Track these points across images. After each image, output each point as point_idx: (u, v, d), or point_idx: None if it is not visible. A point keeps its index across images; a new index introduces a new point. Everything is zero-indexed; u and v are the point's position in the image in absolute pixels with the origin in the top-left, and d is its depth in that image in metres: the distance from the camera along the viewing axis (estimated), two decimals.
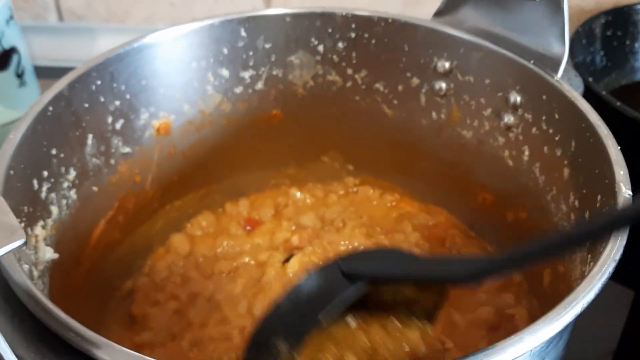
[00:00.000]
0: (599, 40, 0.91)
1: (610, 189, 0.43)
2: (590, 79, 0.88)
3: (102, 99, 0.55)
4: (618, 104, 0.74)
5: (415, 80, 0.62)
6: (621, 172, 0.43)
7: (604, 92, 0.77)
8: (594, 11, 0.93)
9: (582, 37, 0.88)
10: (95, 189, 0.57)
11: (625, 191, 0.41)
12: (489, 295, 0.59)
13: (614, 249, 0.38)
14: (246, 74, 0.64)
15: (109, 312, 0.60)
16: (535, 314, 0.55)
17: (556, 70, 0.52)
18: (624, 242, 0.38)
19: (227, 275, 0.62)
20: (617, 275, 0.38)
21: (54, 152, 0.51)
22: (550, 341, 0.35)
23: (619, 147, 0.45)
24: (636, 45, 0.95)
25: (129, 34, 0.96)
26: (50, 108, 0.50)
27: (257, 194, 0.71)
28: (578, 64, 0.84)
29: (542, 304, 0.56)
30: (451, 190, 0.67)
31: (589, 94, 0.79)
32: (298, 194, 0.71)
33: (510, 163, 0.58)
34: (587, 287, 0.36)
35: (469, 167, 0.63)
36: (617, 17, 0.92)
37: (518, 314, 0.55)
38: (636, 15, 0.93)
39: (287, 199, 0.70)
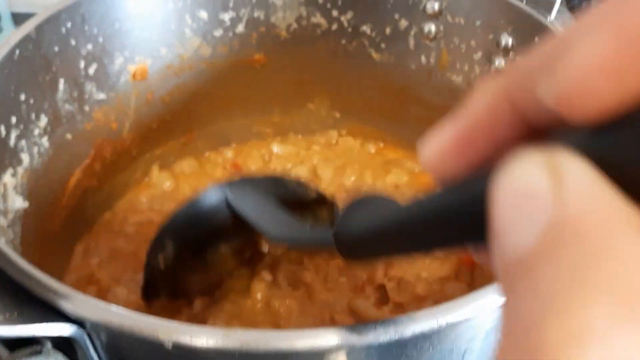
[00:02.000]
0: None
1: None
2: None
3: (73, 43, 0.53)
4: None
5: (404, 23, 0.60)
6: None
7: None
8: None
9: None
10: (69, 136, 0.54)
11: None
12: None
13: None
14: (226, 16, 0.61)
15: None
16: None
17: (550, 10, 0.50)
18: None
19: None
20: None
21: (22, 97, 0.48)
22: None
23: None
24: None
25: None
26: (17, 51, 0.47)
27: (240, 144, 0.69)
28: (574, 7, 0.81)
29: None
30: None
31: None
32: (279, 148, 0.69)
33: None
34: None
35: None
36: None
37: None
38: None
39: (269, 152, 0.68)
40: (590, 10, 0.17)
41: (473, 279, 0.56)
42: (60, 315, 0.33)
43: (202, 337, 0.29)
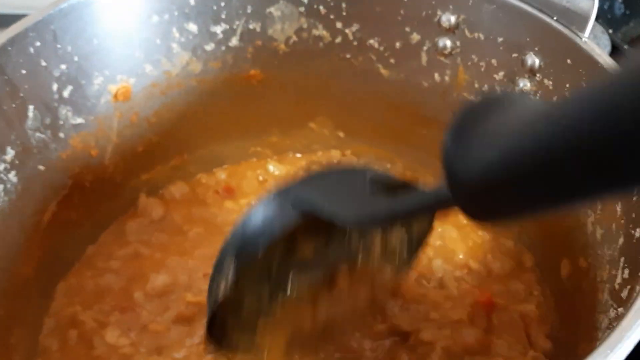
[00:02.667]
0: None
1: None
2: (610, 31, 0.80)
3: (43, 64, 0.47)
4: None
5: (416, 37, 0.54)
6: None
7: (626, 46, 0.69)
8: None
9: None
10: (41, 167, 0.49)
11: None
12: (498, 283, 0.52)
13: None
14: (218, 29, 0.55)
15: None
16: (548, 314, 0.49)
17: (583, 29, 0.44)
18: None
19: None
20: None
21: None
22: None
23: None
24: None
25: None
26: None
27: (234, 165, 0.63)
28: (599, 14, 0.75)
29: (557, 298, 0.49)
30: None
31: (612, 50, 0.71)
32: (277, 168, 0.63)
33: None
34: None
35: None
36: None
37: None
38: None
39: (265, 172, 0.63)
40: None
41: (490, 323, 0.51)
42: None
43: None
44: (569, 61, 0.44)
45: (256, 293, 0.43)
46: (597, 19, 0.72)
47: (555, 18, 0.45)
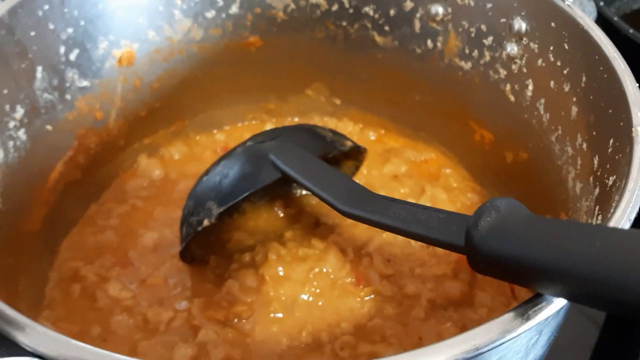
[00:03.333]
0: None
1: (626, 133, 0.37)
2: (602, 3, 0.81)
3: (51, 26, 0.49)
4: (631, 31, 0.68)
5: (409, 4, 0.56)
6: (639, 113, 0.37)
7: (616, 18, 0.71)
8: None
9: None
10: (49, 127, 0.51)
11: None
12: None
13: (629, 206, 0.32)
14: None
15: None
16: None
17: None
18: None
19: None
20: None
21: None
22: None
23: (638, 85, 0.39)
24: None
25: None
26: None
27: (233, 127, 0.65)
28: None
29: None
30: (447, 127, 0.61)
31: (600, 20, 0.72)
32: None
33: (512, 98, 0.52)
34: None
35: (466, 101, 0.57)
36: None
37: None
38: None
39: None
40: None
41: (474, 278, 0.53)
42: (21, 349, 0.29)
43: None
44: (553, 24, 0.46)
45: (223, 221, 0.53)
46: None
47: None
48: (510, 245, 0.28)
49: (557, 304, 0.28)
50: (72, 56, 0.51)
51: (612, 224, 0.32)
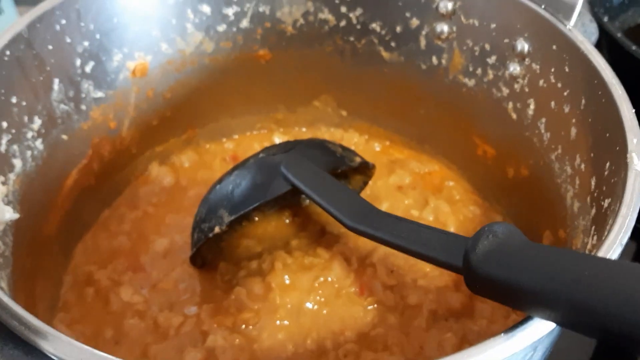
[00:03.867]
0: None
1: (622, 157, 0.38)
2: (606, 18, 0.83)
3: (68, 40, 0.50)
4: (633, 47, 0.69)
5: (415, 21, 0.57)
6: (634, 140, 0.38)
7: (619, 34, 0.72)
8: None
9: None
10: (65, 137, 0.53)
11: (637, 163, 0.37)
12: None
13: (621, 231, 0.34)
14: (230, 11, 0.58)
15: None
16: None
17: (569, 17, 0.47)
18: (633, 223, 0.34)
19: None
20: None
21: (14, 100, 0.46)
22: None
23: (634, 110, 0.40)
24: None
25: None
26: (8, 52, 0.45)
27: (242, 136, 0.67)
28: (594, 1, 0.78)
29: None
30: (450, 140, 0.62)
31: (603, 35, 0.73)
32: (282, 140, 0.67)
33: (514, 116, 0.53)
34: None
35: (470, 117, 0.59)
36: None
37: None
38: None
39: (271, 143, 0.67)
40: None
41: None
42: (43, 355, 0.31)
43: None
44: (554, 47, 0.47)
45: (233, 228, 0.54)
46: (595, 6, 0.75)
47: (543, 7, 0.48)
48: (504, 269, 0.30)
49: (548, 326, 0.29)
50: (88, 68, 0.53)
51: (605, 247, 0.33)
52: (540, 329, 0.30)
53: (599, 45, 0.53)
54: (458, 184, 0.63)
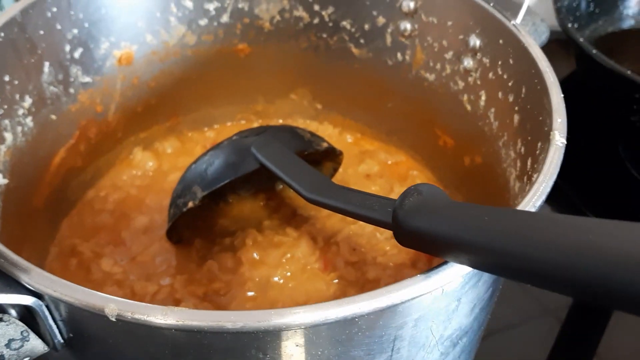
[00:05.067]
0: None
1: (548, 136, 0.43)
2: (576, 25, 0.87)
3: (58, 27, 0.55)
4: (594, 51, 0.73)
5: (382, 19, 0.62)
6: (559, 119, 0.42)
7: (581, 39, 0.76)
8: None
9: None
10: (53, 117, 0.57)
11: (558, 139, 0.41)
12: None
13: (535, 195, 0.38)
14: (211, 6, 0.63)
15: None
16: None
17: (515, 15, 0.51)
18: (548, 190, 0.39)
19: None
20: None
21: (7, 78, 0.51)
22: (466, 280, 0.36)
23: (563, 95, 0.45)
24: None
25: None
26: (2, 34, 0.50)
27: (223, 125, 0.71)
28: (561, 9, 0.83)
29: None
30: (416, 132, 0.67)
31: (571, 41, 0.78)
32: None
33: (469, 107, 0.58)
34: None
35: (432, 109, 0.63)
36: None
37: None
38: None
39: None
40: None
41: (430, 267, 0.58)
42: (23, 288, 0.35)
43: (143, 313, 0.32)
44: (501, 42, 0.52)
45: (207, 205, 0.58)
46: (561, 13, 0.80)
47: (492, 4, 0.53)
48: (426, 221, 0.34)
49: (458, 269, 0.34)
50: (77, 54, 0.57)
51: (519, 208, 0.37)
52: (455, 272, 0.34)
53: (561, 50, 0.58)
54: (422, 174, 0.67)
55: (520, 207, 0.37)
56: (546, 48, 0.53)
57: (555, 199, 0.73)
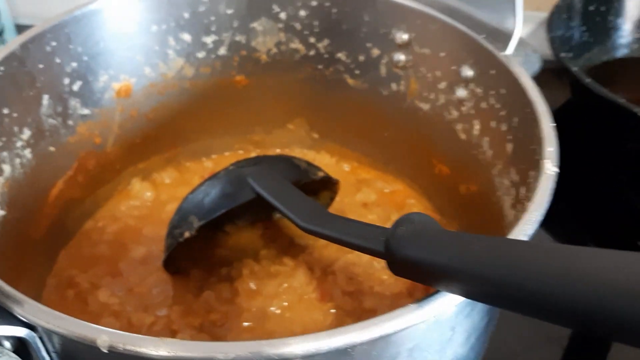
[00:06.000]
0: (580, 15, 0.91)
1: (540, 165, 0.43)
2: (570, 54, 0.88)
3: (58, 60, 0.56)
4: (588, 81, 0.74)
5: (376, 51, 0.62)
6: (550, 148, 0.43)
7: (575, 69, 0.77)
8: None
9: (563, 11, 0.88)
10: (52, 149, 0.58)
11: (549, 168, 0.42)
12: None
13: (526, 225, 0.38)
14: (209, 39, 0.64)
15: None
16: None
17: (506, 46, 0.52)
18: (539, 219, 0.39)
19: None
20: None
21: (5, 111, 0.51)
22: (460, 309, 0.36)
23: (554, 125, 0.45)
24: (619, 21, 0.94)
25: None
26: (2, 68, 0.51)
27: (221, 156, 0.72)
28: (555, 39, 0.84)
29: None
30: (412, 161, 0.67)
31: (564, 70, 0.79)
32: None
33: (463, 136, 0.58)
34: None
35: (427, 138, 0.64)
36: None
37: None
38: None
39: None
40: None
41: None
42: (16, 320, 0.35)
43: (135, 344, 0.32)
44: (493, 72, 0.52)
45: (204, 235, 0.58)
46: (554, 43, 0.81)
47: (483, 36, 0.53)
48: (418, 251, 0.34)
49: (451, 298, 0.34)
50: (76, 87, 0.58)
51: (511, 236, 0.38)
52: (448, 301, 0.34)
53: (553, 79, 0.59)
54: (419, 202, 0.68)
55: (512, 236, 0.37)
56: (541, 76, 0.54)
57: (555, 226, 0.73)
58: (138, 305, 0.58)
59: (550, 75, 0.63)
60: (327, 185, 0.63)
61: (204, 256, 0.62)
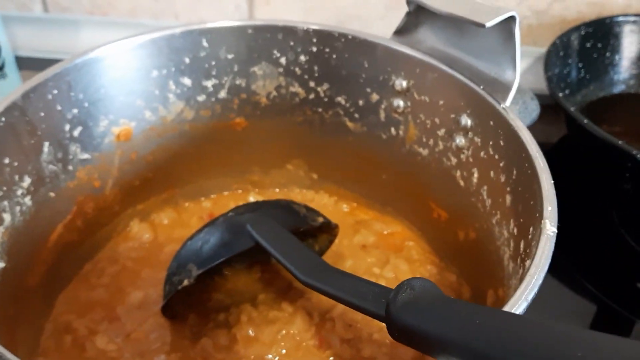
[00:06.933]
0: (577, 52, 0.91)
1: (539, 223, 0.43)
2: (567, 92, 0.89)
3: (58, 108, 0.56)
4: (585, 121, 0.75)
5: (375, 96, 0.63)
6: (549, 207, 0.43)
7: (572, 108, 0.78)
8: (576, 21, 0.92)
9: (559, 49, 0.89)
10: (52, 194, 0.58)
11: (549, 228, 0.42)
12: None
13: (527, 288, 0.38)
14: (209, 83, 0.64)
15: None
16: None
17: (505, 97, 0.52)
18: (540, 281, 0.39)
19: None
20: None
21: (6, 161, 0.52)
22: None
23: (553, 182, 0.45)
24: (616, 57, 0.95)
25: (112, 27, 0.98)
26: (3, 119, 0.51)
27: (219, 196, 0.72)
28: (551, 77, 0.84)
29: None
30: (410, 204, 0.67)
31: (560, 109, 0.79)
32: (255, 199, 0.72)
33: (462, 183, 0.58)
34: None
35: (426, 183, 0.64)
36: (598, 29, 0.92)
37: None
38: (618, 27, 0.93)
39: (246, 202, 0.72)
40: None
41: None
42: None
43: None
44: (491, 123, 0.53)
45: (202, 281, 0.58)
46: (551, 82, 0.81)
47: (482, 87, 0.54)
48: (418, 319, 0.34)
49: None
50: (76, 132, 0.58)
51: (511, 302, 0.38)
52: None
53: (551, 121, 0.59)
54: (417, 245, 0.68)
55: (513, 301, 0.37)
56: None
57: (550, 269, 0.73)
58: (135, 352, 0.58)
59: (546, 110, 0.63)
60: (326, 229, 0.63)
61: (201, 300, 0.62)
